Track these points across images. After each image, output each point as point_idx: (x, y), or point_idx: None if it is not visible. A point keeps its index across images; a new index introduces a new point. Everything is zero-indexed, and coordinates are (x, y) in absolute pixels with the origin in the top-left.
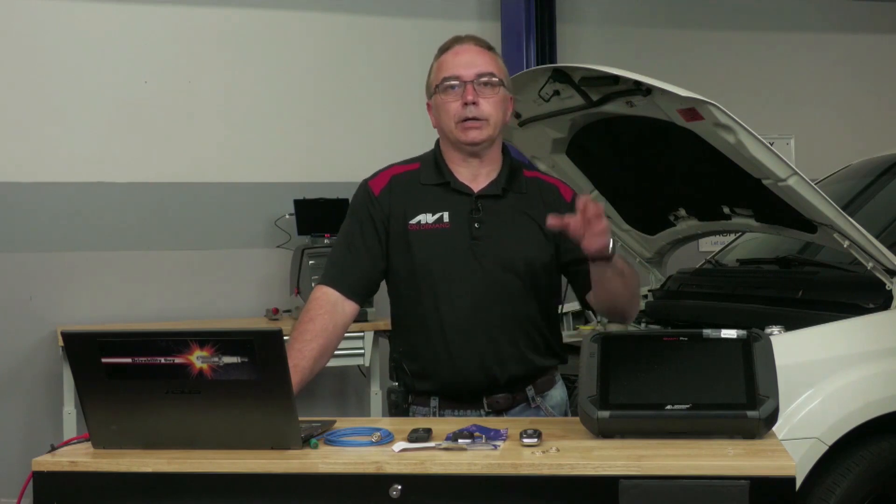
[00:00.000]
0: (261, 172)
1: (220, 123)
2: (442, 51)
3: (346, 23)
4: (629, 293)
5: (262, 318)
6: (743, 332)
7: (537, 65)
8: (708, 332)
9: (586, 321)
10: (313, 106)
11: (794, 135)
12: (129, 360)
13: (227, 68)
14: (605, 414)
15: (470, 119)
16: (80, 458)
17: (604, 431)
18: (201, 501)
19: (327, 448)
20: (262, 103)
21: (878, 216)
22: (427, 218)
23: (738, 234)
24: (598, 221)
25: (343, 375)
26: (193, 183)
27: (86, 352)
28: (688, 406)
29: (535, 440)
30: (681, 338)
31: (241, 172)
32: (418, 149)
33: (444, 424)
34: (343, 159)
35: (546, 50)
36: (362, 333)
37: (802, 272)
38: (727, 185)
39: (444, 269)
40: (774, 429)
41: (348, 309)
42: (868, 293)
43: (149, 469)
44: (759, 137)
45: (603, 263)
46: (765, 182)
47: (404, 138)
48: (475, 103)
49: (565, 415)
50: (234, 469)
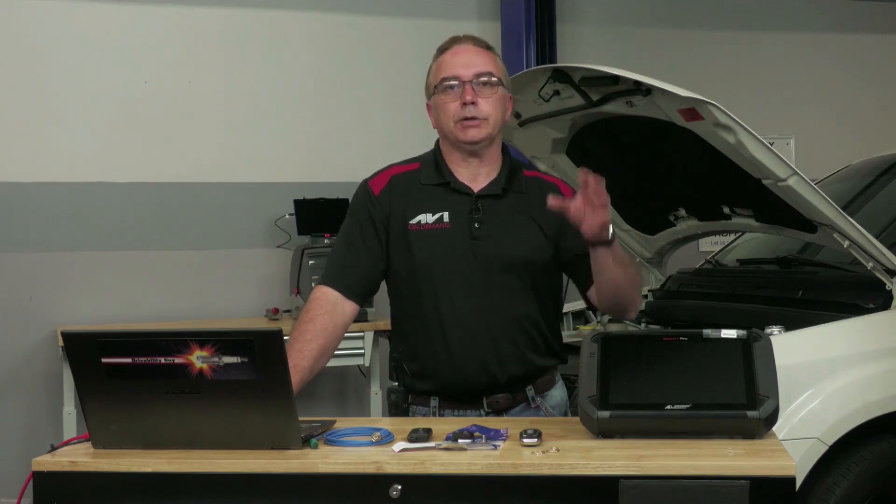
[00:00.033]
0: (261, 172)
1: (220, 123)
2: (440, 51)
3: (346, 23)
4: (630, 284)
5: (262, 318)
6: (743, 332)
7: (537, 65)
8: (708, 332)
9: (586, 321)
10: (313, 106)
11: (794, 135)
12: (129, 360)
13: (227, 68)
14: (605, 414)
15: (469, 118)
16: (80, 458)
17: (604, 431)
18: (201, 501)
19: (327, 448)
20: (262, 103)
21: (878, 216)
22: (427, 218)
23: (738, 234)
24: (599, 195)
25: (343, 375)
26: (193, 183)
27: (86, 352)
28: (688, 406)
29: (535, 440)
30: (681, 338)
31: (241, 172)
32: (418, 149)
33: (444, 424)
34: (343, 159)
35: (546, 50)
36: (362, 333)
37: (802, 272)
38: (727, 185)
39: (444, 269)
40: (774, 429)
41: (348, 309)
42: (868, 293)
43: (149, 469)
44: (759, 137)
45: (603, 250)
46: (765, 182)
47: (404, 138)
48: (474, 103)
49: (565, 415)
50: (234, 469)
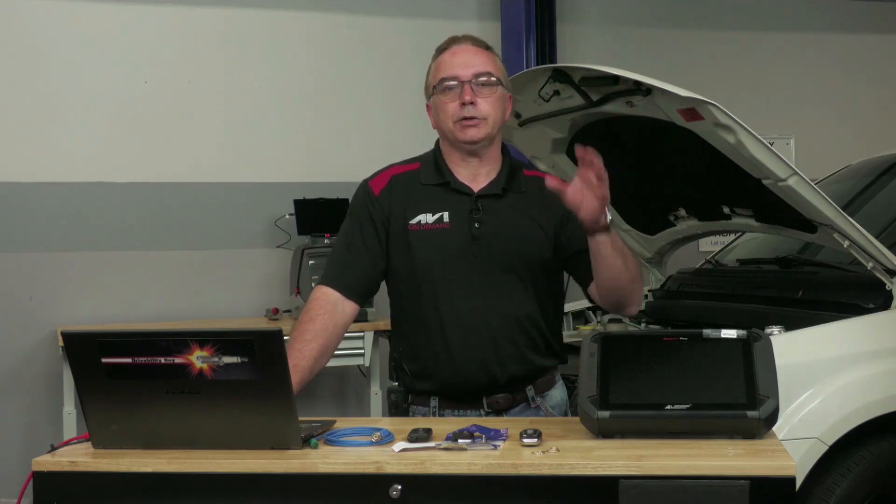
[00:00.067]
0: (261, 172)
1: (220, 123)
2: (439, 51)
3: (346, 23)
4: (630, 276)
5: (262, 318)
6: (743, 332)
7: (537, 65)
8: (708, 332)
9: (586, 321)
10: (313, 106)
11: (794, 135)
12: (129, 360)
13: (227, 68)
14: (605, 414)
15: (468, 118)
16: (80, 458)
17: (604, 431)
18: (201, 501)
19: (327, 448)
20: (262, 103)
21: (878, 216)
22: (427, 218)
23: (738, 234)
24: (597, 170)
25: (343, 375)
26: (193, 183)
27: (86, 352)
28: (688, 406)
29: (535, 440)
30: (681, 338)
31: (241, 172)
32: (418, 149)
33: (444, 424)
34: (343, 159)
35: (546, 50)
36: (362, 333)
37: (802, 272)
38: (727, 185)
39: (444, 268)
40: (774, 429)
41: (348, 309)
42: (868, 293)
43: (149, 469)
44: (759, 137)
45: (602, 237)
46: (765, 182)
47: (404, 138)
48: (473, 103)
49: (565, 415)
50: (234, 469)
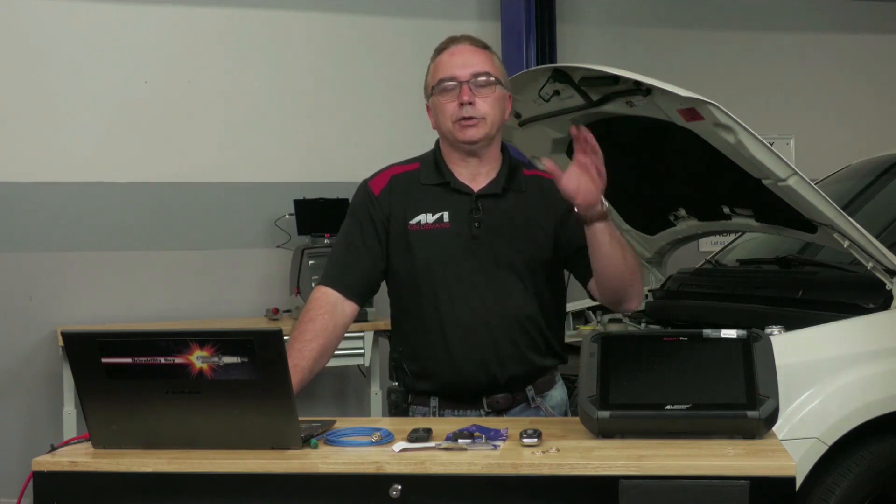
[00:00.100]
0: (261, 172)
1: (220, 123)
2: (438, 52)
3: (346, 23)
4: (629, 268)
5: (262, 318)
6: (743, 332)
7: (537, 65)
8: (708, 332)
9: (586, 321)
10: (313, 106)
11: (794, 135)
12: (129, 360)
13: (227, 68)
14: (605, 414)
15: (466, 118)
16: (80, 458)
17: (604, 431)
18: (201, 501)
19: (327, 448)
20: (262, 103)
21: (878, 216)
22: (427, 218)
23: (738, 234)
24: (593, 150)
25: (343, 375)
26: (193, 183)
27: (86, 352)
28: (688, 406)
29: (535, 440)
30: (681, 338)
31: (241, 172)
32: (418, 149)
33: (444, 424)
34: (343, 159)
35: (546, 50)
36: (362, 333)
37: (802, 272)
38: (727, 185)
39: (445, 268)
40: (774, 429)
41: (348, 309)
42: (868, 293)
43: (149, 469)
44: (759, 137)
45: (600, 226)
46: (765, 182)
47: (404, 138)
48: (471, 103)
49: (565, 415)
50: (234, 469)
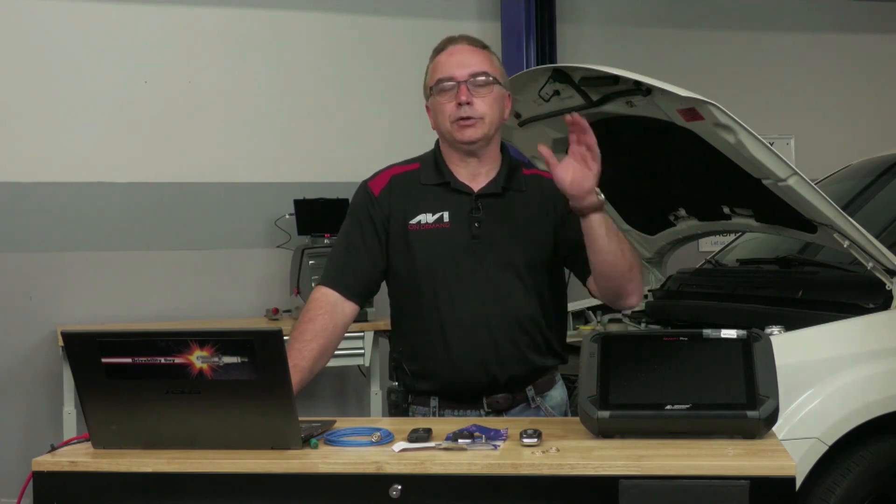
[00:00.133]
0: (261, 172)
1: (220, 123)
2: (436, 52)
3: (346, 23)
4: (627, 262)
5: (262, 318)
6: (743, 332)
7: (537, 65)
8: (708, 332)
9: (586, 321)
10: (313, 106)
11: (794, 135)
12: (129, 360)
13: (227, 68)
14: (605, 414)
15: (464, 118)
16: (80, 458)
17: (604, 431)
18: (201, 501)
19: (327, 448)
20: (262, 103)
21: (878, 216)
22: (427, 218)
23: (738, 234)
24: (588, 138)
25: (343, 375)
26: (193, 183)
27: (86, 352)
28: (688, 406)
29: (535, 440)
30: (681, 338)
31: (241, 172)
32: (418, 149)
33: (444, 424)
34: (343, 159)
35: (546, 50)
36: (362, 333)
37: (802, 272)
38: (727, 185)
39: (445, 268)
40: (774, 429)
41: (348, 310)
42: (868, 293)
43: (149, 469)
44: (759, 137)
45: (596, 217)
46: (765, 182)
47: (404, 138)
48: (469, 103)
49: (565, 415)
50: (234, 469)
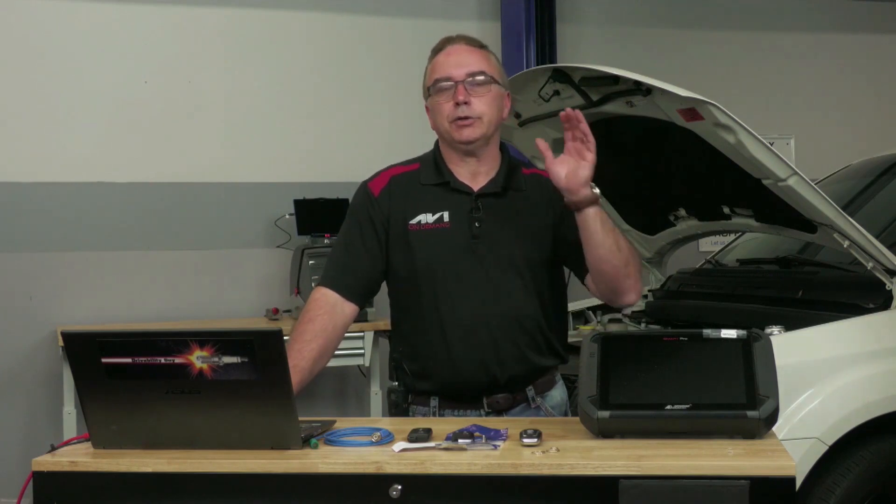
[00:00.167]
0: (261, 172)
1: (220, 123)
2: (434, 52)
3: (346, 23)
4: (623, 257)
5: (262, 318)
6: (743, 332)
7: (537, 65)
8: (708, 332)
9: (586, 321)
10: (313, 106)
11: (794, 135)
12: (129, 360)
13: (227, 68)
14: (605, 414)
15: (462, 118)
16: (80, 458)
17: (604, 431)
18: (201, 501)
19: (327, 448)
20: (262, 103)
21: (878, 216)
22: (427, 218)
23: (738, 234)
24: (583, 130)
25: (343, 375)
26: (193, 183)
27: (86, 352)
28: (688, 406)
29: (535, 440)
30: (681, 338)
31: (241, 172)
32: (418, 149)
33: (444, 424)
34: (343, 159)
35: (546, 50)
36: (362, 333)
37: (802, 272)
38: (727, 185)
39: (445, 268)
40: (774, 429)
41: (347, 310)
42: (868, 293)
43: (149, 469)
44: (759, 137)
45: (592, 211)
46: (765, 182)
47: (404, 138)
48: (467, 102)
49: (565, 415)
50: (234, 469)
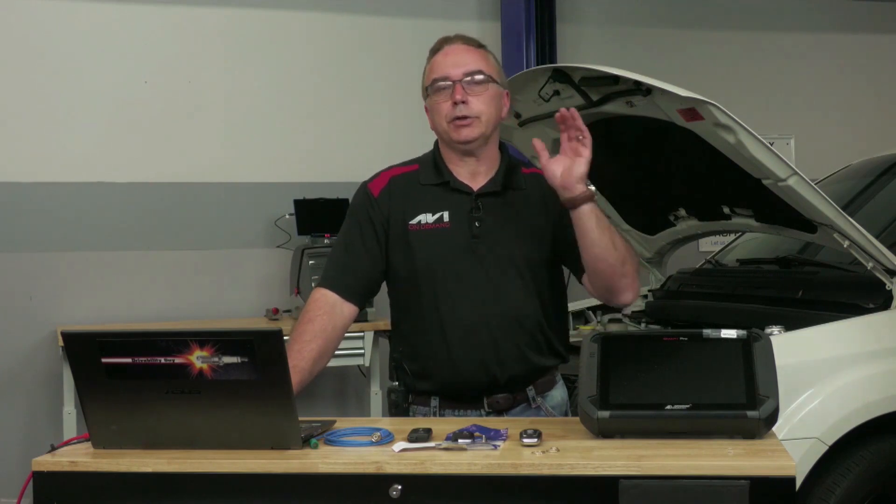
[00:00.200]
0: (261, 172)
1: (220, 123)
2: (432, 52)
3: (346, 23)
4: (619, 255)
5: (262, 318)
6: (743, 332)
7: (537, 65)
8: (708, 332)
9: (586, 321)
10: (313, 106)
11: (794, 135)
12: (129, 360)
13: (227, 68)
14: (605, 414)
15: (460, 118)
16: (80, 458)
17: (604, 431)
18: (201, 501)
19: (327, 448)
20: (262, 103)
21: (878, 216)
22: (427, 218)
23: (738, 234)
24: (580, 129)
25: (343, 375)
26: (193, 183)
27: (86, 352)
28: (688, 406)
29: (535, 440)
30: (681, 338)
31: (241, 172)
32: (418, 149)
33: (444, 424)
34: (343, 159)
35: (546, 50)
36: (362, 333)
37: (802, 272)
38: (727, 185)
39: (445, 268)
40: (774, 429)
41: (347, 311)
42: (868, 293)
43: (149, 469)
44: (759, 137)
45: (586, 209)
46: (765, 182)
47: (404, 138)
48: (465, 102)
49: (565, 415)
50: (234, 469)
